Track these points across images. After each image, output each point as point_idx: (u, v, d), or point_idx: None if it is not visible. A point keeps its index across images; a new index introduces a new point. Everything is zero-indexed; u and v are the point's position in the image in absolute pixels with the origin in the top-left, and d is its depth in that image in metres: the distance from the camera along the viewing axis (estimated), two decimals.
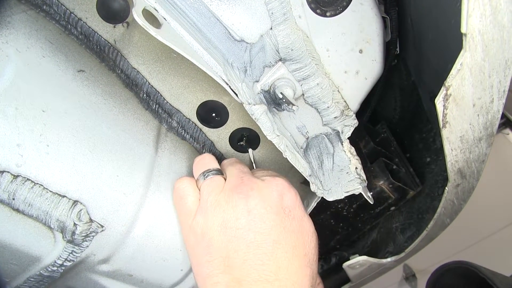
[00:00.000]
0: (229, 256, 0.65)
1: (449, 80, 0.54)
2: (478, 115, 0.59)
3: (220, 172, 0.74)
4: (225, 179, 0.73)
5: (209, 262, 0.66)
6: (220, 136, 0.88)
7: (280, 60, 0.70)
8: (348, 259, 0.97)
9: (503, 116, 2.16)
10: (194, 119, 0.85)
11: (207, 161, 0.76)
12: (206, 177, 0.72)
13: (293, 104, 0.71)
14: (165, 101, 0.81)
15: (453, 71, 0.53)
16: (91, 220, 0.66)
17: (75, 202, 0.64)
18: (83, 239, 0.66)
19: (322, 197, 0.80)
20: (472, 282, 1.04)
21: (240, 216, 0.66)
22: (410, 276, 2.26)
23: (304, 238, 0.70)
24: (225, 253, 0.65)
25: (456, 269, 1.06)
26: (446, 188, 0.73)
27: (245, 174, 0.72)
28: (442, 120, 0.59)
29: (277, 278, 0.63)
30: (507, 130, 2.11)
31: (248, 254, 0.64)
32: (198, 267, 0.69)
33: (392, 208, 0.96)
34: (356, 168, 0.79)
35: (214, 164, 0.76)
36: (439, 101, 0.57)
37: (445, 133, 0.61)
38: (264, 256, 0.64)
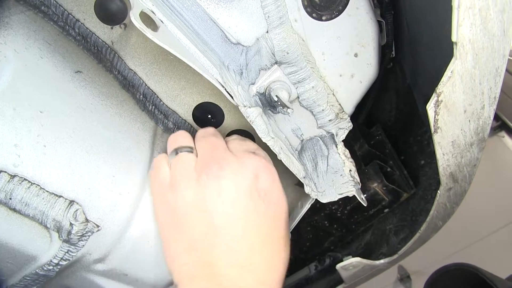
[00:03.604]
0: (197, 239, 0.62)
1: (440, 87, 0.55)
2: (469, 120, 0.60)
3: (191, 149, 0.69)
4: (197, 156, 0.69)
5: (177, 242, 0.64)
6: None
7: (276, 63, 0.71)
8: (342, 261, 0.97)
9: (499, 119, 2.17)
10: (190, 120, 0.85)
11: (180, 138, 0.72)
12: (176, 154, 0.68)
13: (288, 107, 0.71)
14: (162, 103, 0.82)
15: (444, 78, 0.54)
16: (87, 220, 0.66)
17: (71, 202, 0.65)
18: (79, 238, 0.66)
19: (316, 199, 0.81)
20: (470, 284, 1.05)
21: (209, 198, 0.62)
22: (404, 277, 2.28)
23: (280, 221, 0.67)
24: (193, 235, 0.63)
25: (455, 271, 1.07)
26: (438, 191, 0.73)
27: (218, 149, 0.68)
28: (434, 126, 0.60)
29: (252, 263, 0.61)
30: (502, 133, 2.12)
31: (217, 238, 0.62)
32: (167, 245, 0.67)
33: (386, 210, 0.97)
34: (350, 170, 0.79)
35: (187, 142, 0.71)
36: (430, 107, 0.57)
37: (436, 138, 0.62)
38: (234, 243, 0.62)
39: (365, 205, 0.82)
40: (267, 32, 0.67)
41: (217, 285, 0.60)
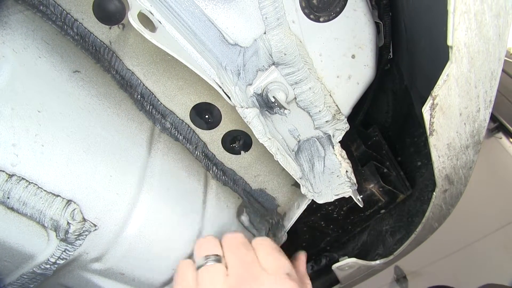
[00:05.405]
0: None
1: (436, 90, 0.55)
2: (464, 123, 0.60)
3: (220, 258, 0.70)
4: (226, 267, 0.69)
5: None
6: (212, 138, 0.89)
7: (273, 64, 0.71)
8: (338, 261, 0.98)
9: (496, 120, 2.18)
10: (188, 120, 0.85)
11: (207, 244, 0.72)
12: (206, 263, 0.69)
13: (285, 108, 0.72)
14: (159, 103, 0.82)
15: (440, 82, 0.54)
16: (84, 219, 0.66)
17: (69, 202, 0.65)
18: (76, 238, 0.67)
19: (313, 200, 0.81)
20: None
21: None
22: (401, 278, 2.28)
23: None
24: None
25: None
26: (434, 193, 0.74)
27: (252, 264, 0.68)
28: (429, 128, 0.60)
29: None
30: (500, 134, 2.13)
31: None
32: None
33: (382, 211, 0.97)
34: (346, 171, 0.80)
35: (215, 249, 0.71)
36: (426, 110, 0.58)
37: (432, 140, 0.62)
38: None
39: (361, 206, 0.82)
40: (265, 33, 0.68)
41: None
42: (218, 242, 0.72)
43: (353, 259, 0.96)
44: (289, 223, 0.92)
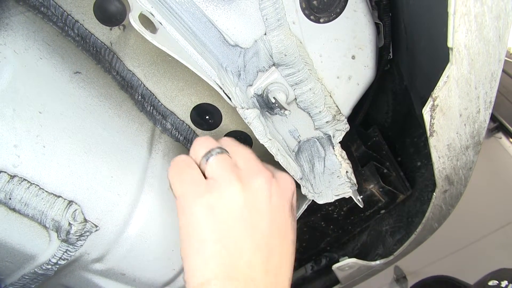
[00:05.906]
0: (238, 240, 0.60)
1: (436, 92, 0.55)
2: (465, 124, 0.60)
3: (226, 151, 0.65)
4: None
5: (212, 242, 0.59)
6: None
7: (274, 65, 0.71)
8: (338, 261, 0.98)
9: (496, 120, 2.18)
10: (188, 121, 0.86)
11: (208, 141, 0.66)
12: (212, 154, 0.63)
13: (285, 109, 0.72)
14: (160, 103, 0.82)
15: (440, 83, 0.54)
16: (85, 220, 0.67)
17: (70, 202, 0.65)
18: (77, 238, 0.67)
19: (313, 200, 0.81)
20: None
21: (260, 201, 0.61)
22: (401, 278, 2.28)
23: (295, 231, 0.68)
24: (233, 234, 0.60)
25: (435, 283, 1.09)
26: (434, 194, 0.74)
27: (254, 159, 0.66)
28: (430, 129, 0.60)
29: (280, 266, 0.62)
30: (500, 134, 2.13)
31: (254, 242, 0.60)
32: (200, 243, 0.59)
33: (382, 211, 0.97)
34: (346, 172, 0.80)
35: (217, 145, 0.65)
36: (426, 111, 0.58)
37: (432, 141, 0.62)
38: (270, 249, 0.61)
39: (361, 206, 0.82)
40: (265, 34, 0.68)
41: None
42: (215, 141, 0.67)
43: (353, 260, 0.96)
44: None
